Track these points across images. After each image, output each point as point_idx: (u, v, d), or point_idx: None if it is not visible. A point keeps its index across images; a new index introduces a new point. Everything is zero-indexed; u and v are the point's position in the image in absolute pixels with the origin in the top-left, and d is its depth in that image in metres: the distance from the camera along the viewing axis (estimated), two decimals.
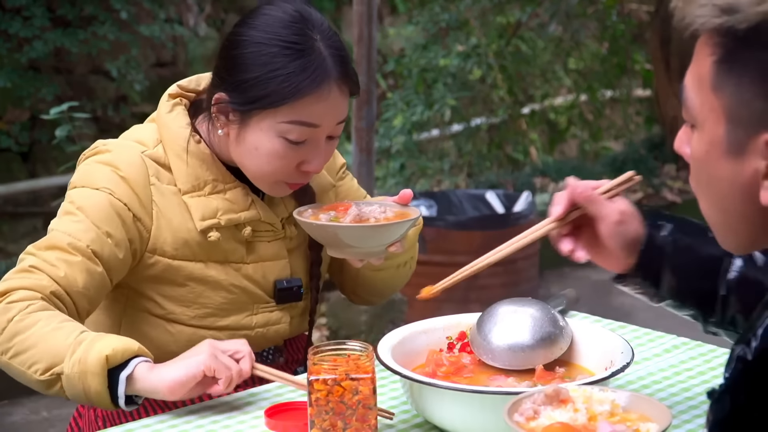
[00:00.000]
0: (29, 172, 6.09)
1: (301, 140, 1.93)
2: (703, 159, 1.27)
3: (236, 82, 1.92)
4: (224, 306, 2.04)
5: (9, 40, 5.72)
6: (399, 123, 6.31)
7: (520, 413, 1.43)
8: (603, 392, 1.48)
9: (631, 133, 7.60)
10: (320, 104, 1.91)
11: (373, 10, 4.47)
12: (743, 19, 1.19)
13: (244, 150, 1.96)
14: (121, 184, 1.96)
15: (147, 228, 1.97)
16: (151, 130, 2.05)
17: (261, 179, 1.99)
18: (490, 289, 4.81)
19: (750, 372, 1.17)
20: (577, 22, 6.90)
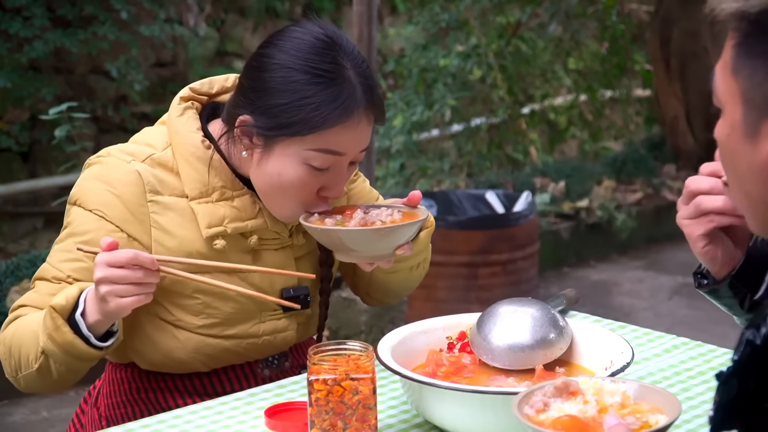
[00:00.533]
0: (29, 172, 6.10)
1: (325, 167, 1.91)
2: (726, 142, 1.30)
3: (264, 106, 1.90)
4: (232, 315, 2.02)
5: (9, 40, 5.72)
6: (399, 123, 6.31)
7: (530, 406, 1.43)
8: (614, 384, 1.48)
9: (631, 133, 7.60)
10: (348, 134, 1.89)
11: (373, 10, 4.47)
12: (756, 3, 1.23)
13: (266, 174, 1.93)
14: (114, 203, 1.95)
15: (145, 246, 1.95)
16: (161, 133, 2.03)
17: (279, 205, 1.97)
18: (490, 289, 4.81)
19: (758, 356, 1.18)
20: (577, 22, 6.91)
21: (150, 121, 7.00)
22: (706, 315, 5.09)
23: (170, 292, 1.99)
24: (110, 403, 2.11)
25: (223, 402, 1.96)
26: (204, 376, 2.08)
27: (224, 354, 2.05)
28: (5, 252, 5.67)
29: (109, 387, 2.12)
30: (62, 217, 2.04)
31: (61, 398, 4.19)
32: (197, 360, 2.04)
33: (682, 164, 7.08)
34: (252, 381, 2.10)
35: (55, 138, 4.59)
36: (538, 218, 5.13)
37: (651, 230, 6.49)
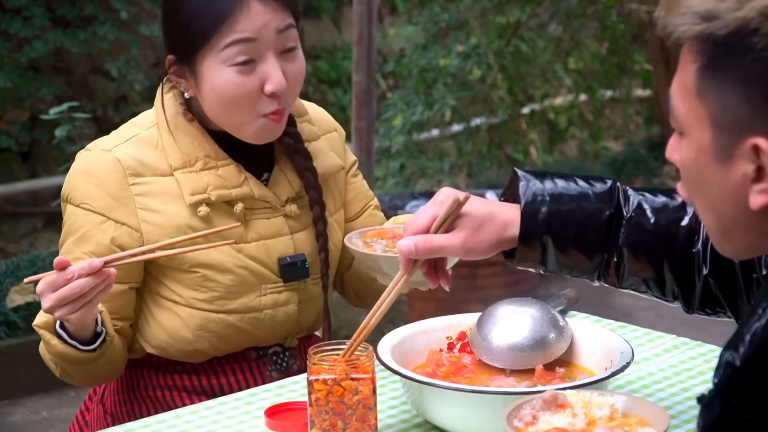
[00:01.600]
0: (29, 172, 6.10)
1: (247, 59, 1.95)
2: (693, 166, 1.28)
3: (172, 38, 2.01)
4: (232, 288, 2.04)
5: (9, 40, 5.73)
6: (399, 123, 6.31)
7: (519, 419, 1.43)
8: (602, 396, 1.48)
9: (631, 133, 7.60)
10: (245, 18, 1.94)
11: (373, 10, 4.47)
12: (723, 25, 1.20)
13: (208, 99, 1.99)
14: (96, 194, 1.99)
15: (135, 228, 1.99)
16: (150, 114, 2.09)
17: (236, 121, 2.00)
18: (490, 289, 4.81)
19: (739, 377, 1.18)
20: (577, 22, 6.90)
21: None
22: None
23: (168, 269, 2.02)
24: (117, 400, 2.12)
25: (223, 402, 1.96)
26: (213, 376, 2.09)
27: (229, 331, 2.05)
28: (5, 252, 5.67)
29: (117, 383, 2.13)
30: (62, 217, 2.07)
31: (61, 398, 4.19)
32: (203, 339, 2.05)
33: None
34: (260, 381, 2.10)
35: (55, 138, 4.59)
36: None
37: None
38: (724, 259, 1.64)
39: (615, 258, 1.71)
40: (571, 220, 1.69)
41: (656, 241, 1.69)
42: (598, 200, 1.70)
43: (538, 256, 1.71)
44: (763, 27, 1.18)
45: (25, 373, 4.22)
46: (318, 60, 7.67)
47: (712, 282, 1.67)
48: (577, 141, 7.54)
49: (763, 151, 1.18)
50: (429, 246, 1.68)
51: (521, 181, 1.71)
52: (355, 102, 4.52)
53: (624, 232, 1.70)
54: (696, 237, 1.68)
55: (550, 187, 1.70)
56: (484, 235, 1.69)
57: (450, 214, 1.69)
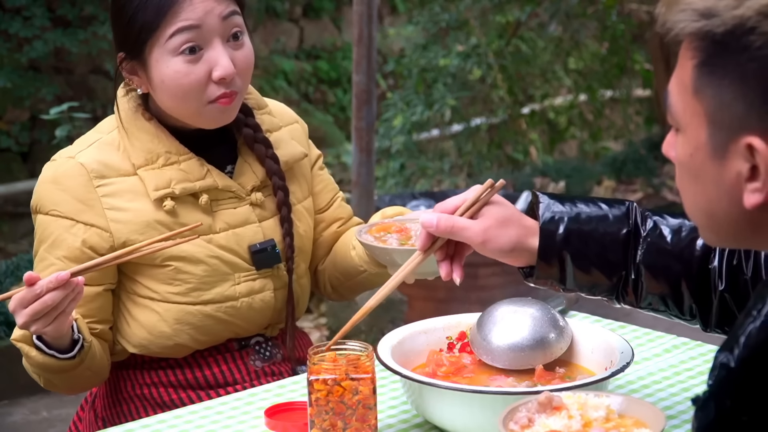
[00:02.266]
0: (29, 172, 6.10)
1: (193, 46, 1.97)
2: (688, 162, 1.28)
3: (120, 34, 2.03)
4: (206, 279, 2.06)
5: (9, 40, 5.72)
6: (399, 123, 6.31)
7: (515, 422, 1.43)
8: (598, 398, 1.48)
9: (631, 133, 7.60)
10: (188, 6, 1.97)
11: (373, 10, 4.47)
12: (720, 23, 1.21)
13: (159, 92, 2.01)
14: (63, 199, 2.01)
15: (104, 228, 2.01)
16: (111, 119, 2.12)
17: (188, 111, 2.02)
18: (490, 289, 4.81)
19: (734, 379, 1.18)
20: (577, 22, 6.90)
21: None
22: None
23: (141, 266, 2.04)
24: (106, 404, 2.12)
25: (223, 402, 1.96)
26: (197, 369, 2.10)
27: (207, 322, 2.07)
28: (5, 252, 5.67)
29: (105, 387, 2.14)
30: None
31: (61, 398, 4.19)
32: (183, 332, 2.06)
33: None
34: (244, 371, 2.11)
35: (55, 138, 4.59)
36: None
37: None
38: (738, 275, 1.66)
39: (633, 276, 1.72)
40: (589, 238, 1.71)
41: (673, 259, 1.71)
42: (615, 219, 1.72)
43: (556, 274, 1.72)
44: (760, 26, 1.18)
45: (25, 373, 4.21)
46: (318, 60, 7.67)
47: (728, 297, 1.68)
48: (577, 141, 7.54)
49: (758, 151, 1.18)
50: (450, 224, 1.70)
51: (541, 202, 1.73)
52: (355, 102, 4.52)
53: (641, 250, 1.71)
54: (712, 254, 1.69)
55: (568, 208, 1.73)
56: (506, 232, 1.71)
57: (481, 197, 1.72)
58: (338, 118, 7.60)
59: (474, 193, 1.72)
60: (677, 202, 6.64)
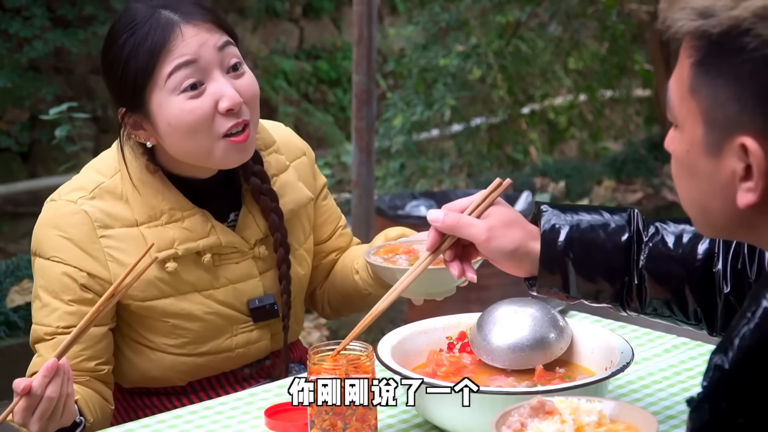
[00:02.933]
0: (29, 172, 6.10)
1: (194, 82, 1.92)
2: (684, 158, 1.29)
3: (116, 88, 1.96)
4: (202, 334, 2.04)
5: (9, 40, 5.73)
6: (399, 123, 6.31)
7: (508, 426, 1.43)
8: (590, 403, 1.48)
9: (631, 133, 7.60)
10: (181, 44, 1.92)
11: (373, 10, 4.47)
12: (717, 23, 1.21)
13: (168, 137, 1.95)
14: (67, 246, 1.97)
15: (106, 280, 1.97)
16: (111, 158, 2.05)
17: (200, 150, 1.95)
18: (490, 289, 4.81)
19: (727, 381, 1.19)
20: (577, 22, 6.90)
21: None
22: None
23: (140, 317, 2.01)
24: None
25: (223, 402, 1.96)
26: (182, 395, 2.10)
27: (199, 369, 2.07)
28: (5, 252, 5.67)
29: None
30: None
31: None
32: (174, 376, 2.07)
33: None
34: (232, 379, 2.11)
35: (55, 138, 4.59)
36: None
37: None
38: (743, 278, 1.66)
39: (636, 281, 1.71)
40: (591, 245, 1.71)
41: (676, 264, 1.70)
42: (617, 226, 1.72)
43: (559, 282, 1.72)
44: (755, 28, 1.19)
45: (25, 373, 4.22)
46: (318, 60, 7.67)
47: (733, 300, 1.68)
48: (577, 141, 7.54)
49: (751, 151, 1.19)
50: (456, 219, 1.72)
51: (543, 212, 1.73)
52: (355, 102, 4.52)
53: (644, 256, 1.71)
54: (715, 258, 1.69)
55: (570, 216, 1.72)
56: (510, 233, 1.71)
57: (489, 196, 1.74)
58: (338, 118, 7.60)
59: (481, 195, 1.74)
60: (677, 202, 6.64)
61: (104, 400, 2.00)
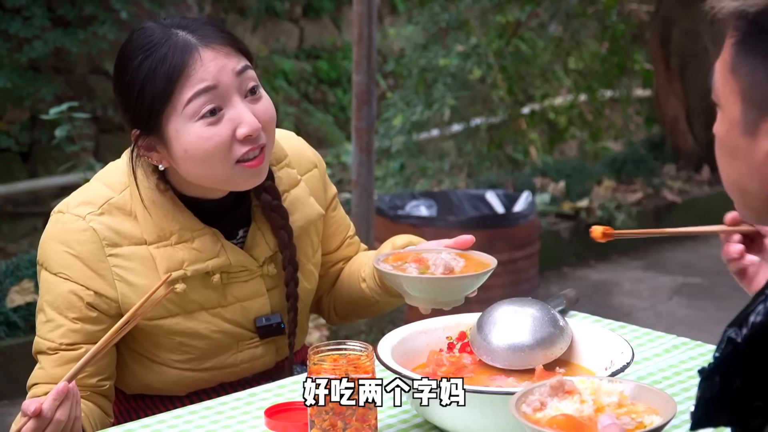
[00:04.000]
0: (29, 172, 6.09)
1: (213, 108, 1.90)
2: (724, 138, 1.32)
3: (131, 111, 1.93)
4: (207, 352, 2.04)
5: (9, 40, 5.72)
6: (399, 123, 6.31)
7: (528, 404, 1.44)
8: (611, 384, 1.49)
9: (631, 133, 7.60)
10: (200, 68, 1.89)
11: (373, 10, 4.47)
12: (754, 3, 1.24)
13: (183, 163, 1.93)
14: (75, 264, 1.95)
15: (113, 299, 1.96)
16: (120, 171, 2.02)
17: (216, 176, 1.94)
18: (490, 289, 4.80)
19: (739, 355, 1.20)
20: (577, 22, 6.90)
21: None
22: (706, 315, 5.08)
23: (146, 333, 2.01)
24: None
25: (223, 402, 1.96)
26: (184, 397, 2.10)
27: (202, 383, 2.08)
28: (5, 252, 5.67)
29: None
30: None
31: None
32: (176, 388, 2.07)
33: (682, 164, 7.08)
34: (236, 383, 2.11)
35: (55, 138, 4.59)
36: (538, 218, 5.13)
37: None
38: None
39: None
40: None
41: None
42: None
43: None
44: None
45: (25, 373, 4.20)
46: (318, 60, 7.67)
47: None
48: (577, 141, 7.53)
49: None
50: None
51: None
52: (355, 102, 4.52)
53: None
54: None
55: None
56: None
57: None
58: (338, 118, 7.59)
59: None
60: (677, 202, 6.64)
61: (104, 414, 2.00)
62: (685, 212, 6.66)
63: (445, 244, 2.03)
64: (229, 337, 2.04)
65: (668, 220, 6.59)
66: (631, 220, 6.27)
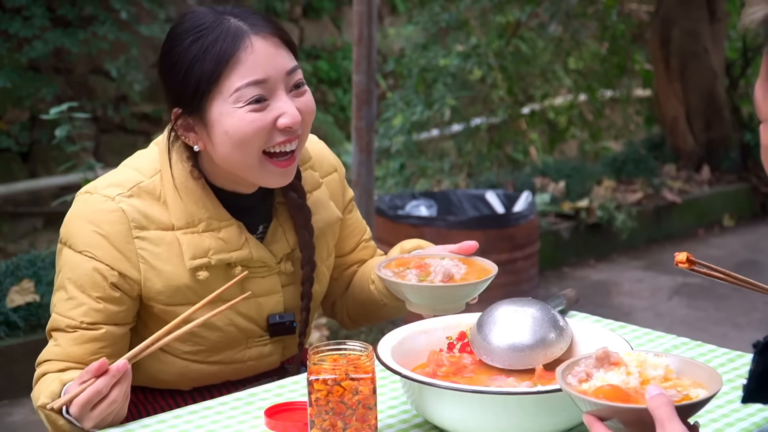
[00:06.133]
0: (29, 172, 6.10)
1: (259, 97, 1.92)
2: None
3: (176, 89, 1.95)
4: (218, 345, 2.05)
5: (9, 40, 5.72)
6: (399, 123, 6.31)
7: (573, 375, 1.47)
8: (657, 357, 1.51)
9: (631, 133, 7.60)
10: (251, 57, 1.92)
11: (373, 10, 4.47)
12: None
13: (221, 145, 1.94)
14: (102, 244, 1.96)
15: (136, 281, 1.97)
16: (151, 158, 2.04)
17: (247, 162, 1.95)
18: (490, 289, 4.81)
19: None
20: (577, 22, 6.90)
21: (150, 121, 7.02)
22: (706, 315, 5.09)
23: (160, 320, 2.01)
24: None
25: (223, 402, 1.96)
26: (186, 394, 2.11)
27: (209, 377, 2.08)
28: (5, 252, 5.67)
29: None
30: (62, 217, 2.05)
31: None
32: (181, 382, 2.08)
33: (682, 164, 7.08)
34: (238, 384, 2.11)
35: (55, 138, 4.59)
36: (538, 218, 5.13)
37: (651, 230, 6.49)
38: None
39: None
40: None
41: None
42: None
43: None
44: None
45: (25, 373, 4.20)
46: (318, 60, 7.67)
47: None
48: (577, 141, 7.54)
49: None
50: None
51: None
52: (355, 102, 4.52)
53: None
54: None
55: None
56: None
57: None
58: (338, 118, 7.60)
59: None
60: (677, 202, 6.64)
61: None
62: (685, 212, 6.66)
63: (450, 250, 2.04)
64: (240, 332, 2.05)
65: (668, 220, 6.59)
66: (631, 220, 6.27)
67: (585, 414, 1.44)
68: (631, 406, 1.42)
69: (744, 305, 5.14)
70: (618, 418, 1.42)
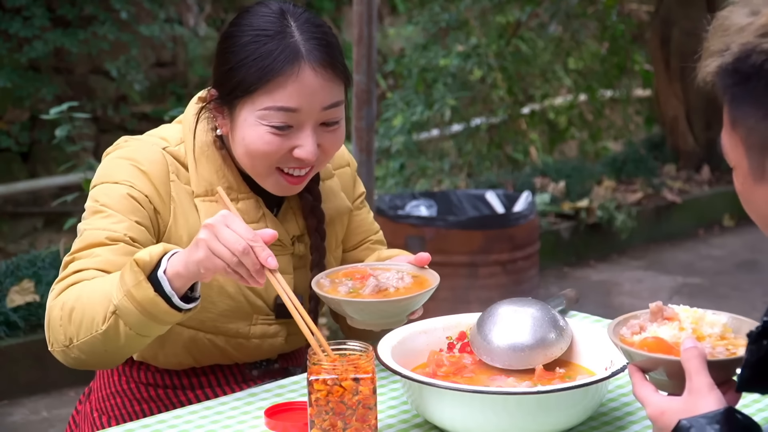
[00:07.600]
0: (29, 172, 6.09)
1: (284, 125, 1.93)
2: (742, 192, 1.38)
3: (219, 75, 1.97)
4: (226, 313, 2.04)
5: (9, 40, 5.72)
6: (399, 123, 6.31)
7: (628, 327, 1.52)
8: (715, 315, 1.53)
9: (631, 133, 7.60)
10: (293, 86, 1.91)
11: (373, 10, 4.47)
12: (729, 54, 1.32)
13: (236, 144, 1.97)
14: (141, 177, 1.97)
15: (165, 222, 1.99)
16: (176, 130, 2.07)
17: (257, 171, 1.99)
18: (490, 289, 4.81)
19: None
20: (577, 22, 6.90)
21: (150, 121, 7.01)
22: None
23: None
24: (101, 396, 2.14)
25: (223, 402, 1.96)
26: (192, 375, 2.10)
27: (213, 351, 2.07)
28: (5, 252, 5.67)
29: (100, 381, 2.15)
30: (62, 217, 2.05)
31: (61, 398, 4.19)
32: (188, 355, 2.07)
33: (682, 164, 7.08)
34: (240, 379, 2.11)
35: (55, 138, 4.59)
36: (538, 218, 5.13)
37: (651, 230, 6.49)
38: None
39: None
40: None
41: None
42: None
43: None
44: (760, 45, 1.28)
45: (25, 373, 4.22)
46: None
47: None
48: (577, 141, 7.53)
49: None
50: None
51: None
52: (355, 102, 4.52)
53: None
54: None
55: None
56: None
57: None
58: None
59: None
60: (677, 202, 6.64)
61: None
62: (685, 212, 6.66)
63: (408, 261, 2.02)
64: (249, 305, 2.05)
65: (668, 220, 6.59)
66: (631, 220, 6.27)
67: (629, 365, 1.49)
68: (666, 357, 1.45)
69: (744, 305, 5.15)
70: (660, 369, 1.46)
